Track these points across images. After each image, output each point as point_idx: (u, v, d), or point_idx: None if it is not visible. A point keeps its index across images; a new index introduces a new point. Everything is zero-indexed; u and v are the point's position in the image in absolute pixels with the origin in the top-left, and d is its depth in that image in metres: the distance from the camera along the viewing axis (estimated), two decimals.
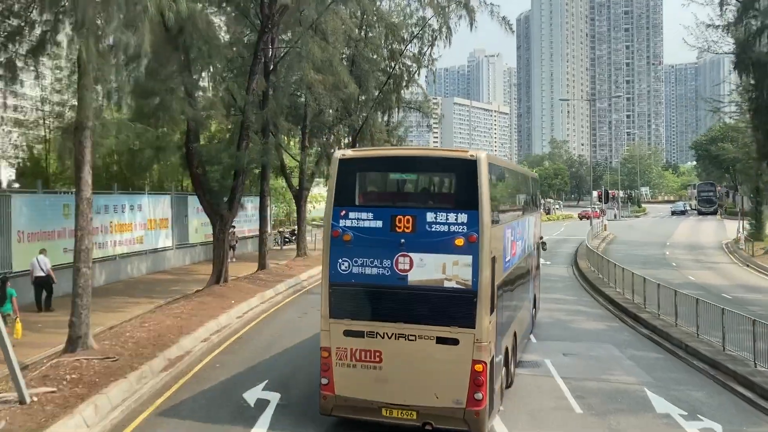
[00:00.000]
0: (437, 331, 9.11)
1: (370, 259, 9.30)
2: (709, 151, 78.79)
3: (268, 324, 18.25)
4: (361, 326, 9.39)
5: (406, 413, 9.22)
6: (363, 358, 9.36)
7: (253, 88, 21.10)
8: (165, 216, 28.48)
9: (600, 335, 17.69)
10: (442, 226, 9.10)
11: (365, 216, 9.39)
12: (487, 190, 9.18)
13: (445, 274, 9.07)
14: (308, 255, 32.43)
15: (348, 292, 9.46)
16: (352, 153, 10.34)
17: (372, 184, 10.53)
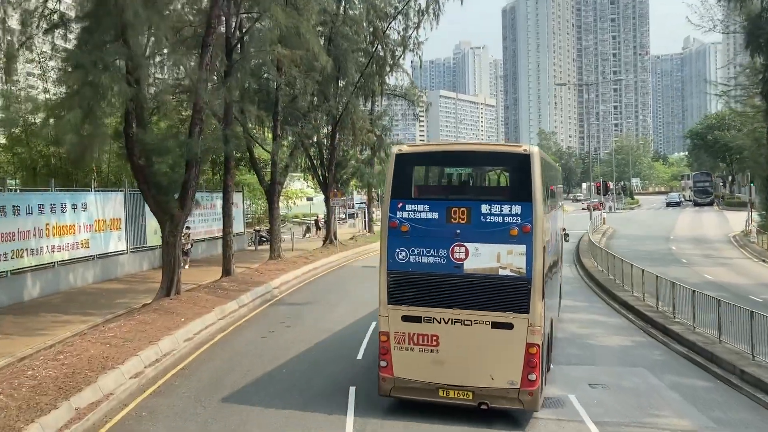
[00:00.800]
0: (492, 316, 9.57)
1: (426, 248, 9.79)
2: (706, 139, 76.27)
3: (222, 348, 14.92)
4: (418, 312, 9.87)
5: (462, 394, 9.72)
6: (420, 342, 9.83)
7: (207, 63, 17.66)
8: (117, 216, 24.99)
9: (627, 355, 14.57)
10: (496, 217, 9.54)
11: (422, 208, 9.85)
12: (540, 182, 9.56)
13: (499, 263, 9.52)
14: (283, 257, 29.09)
15: (405, 279, 9.97)
16: (408, 148, 10.58)
17: (427, 177, 11.06)
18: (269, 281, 22.91)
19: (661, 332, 16.29)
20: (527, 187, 9.56)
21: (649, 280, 19.26)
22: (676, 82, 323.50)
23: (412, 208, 9.89)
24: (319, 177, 36.38)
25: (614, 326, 17.65)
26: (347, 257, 33.09)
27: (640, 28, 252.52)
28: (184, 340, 14.89)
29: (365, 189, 49.45)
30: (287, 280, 24.27)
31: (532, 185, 9.54)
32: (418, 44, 41.14)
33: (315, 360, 13.71)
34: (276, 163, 27.37)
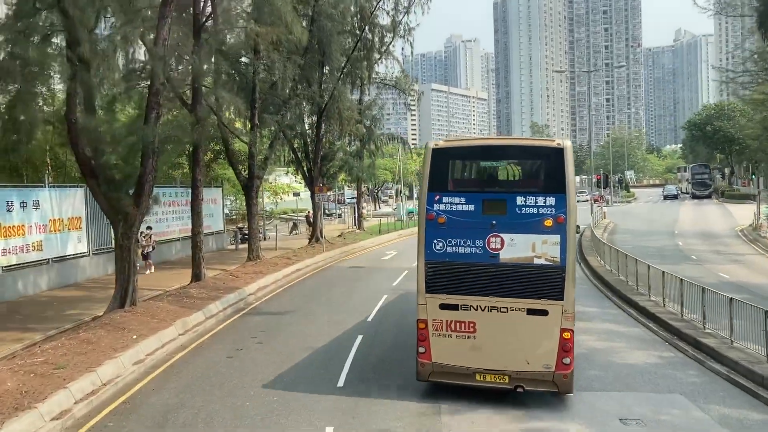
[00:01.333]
0: (528, 303, 9.94)
1: (463, 239, 10.12)
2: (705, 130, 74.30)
3: (178, 373, 12.54)
4: (455, 300, 10.20)
5: (498, 378, 10.09)
6: (458, 329, 10.19)
7: (164, 38, 15.20)
8: (77, 214, 22.49)
9: (658, 376, 12.33)
10: (531, 208, 9.92)
11: (458, 200, 10.18)
12: (572, 175, 9.94)
13: (534, 252, 9.89)
14: (263, 258, 26.67)
15: (443, 269, 10.27)
16: (444, 143, 10.90)
17: (463, 170, 11.41)
18: (244, 287, 20.53)
19: (691, 346, 14.07)
20: (561, 180, 9.92)
21: (671, 283, 17.06)
22: (668, 75, 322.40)
23: (449, 200, 10.24)
24: (304, 171, 33.99)
25: (635, 338, 15.42)
26: (334, 257, 30.76)
27: (632, 20, 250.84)
28: (133, 364, 12.51)
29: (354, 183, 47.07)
30: (265, 284, 21.90)
31: (565, 177, 9.89)
32: (409, 30, 38.81)
33: (287, 387, 11.38)
34: (254, 155, 24.92)
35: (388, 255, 32.09)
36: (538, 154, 10.85)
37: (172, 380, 11.99)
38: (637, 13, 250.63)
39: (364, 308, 18.28)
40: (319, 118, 32.42)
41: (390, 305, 18.86)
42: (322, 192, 31.12)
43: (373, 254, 32.89)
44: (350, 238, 38.02)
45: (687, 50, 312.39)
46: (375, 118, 42.11)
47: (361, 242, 36.48)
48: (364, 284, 22.85)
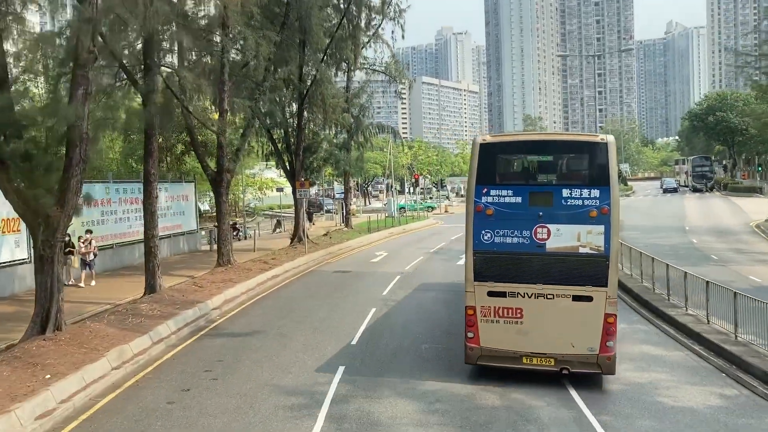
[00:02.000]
0: (573, 290, 10.49)
1: (510, 230, 10.66)
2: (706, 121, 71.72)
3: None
4: (503, 287, 10.73)
5: (544, 360, 10.65)
6: (505, 315, 10.73)
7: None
8: (14, 215, 19.29)
9: (730, 429, 9.37)
10: (576, 200, 10.49)
11: (505, 193, 10.72)
12: (615, 168, 10.63)
13: (579, 242, 10.45)
14: (235, 263, 23.53)
15: (490, 258, 10.75)
16: (491, 138, 11.37)
17: (509, 164, 11.66)
18: (208, 299, 17.42)
19: (760, 381, 11.15)
20: (605, 173, 10.41)
21: (716, 294, 14.15)
22: (659, 67, 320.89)
23: (497, 193, 10.68)
24: (284, 164, 30.86)
25: (681, 367, 12.47)
26: (317, 259, 27.70)
27: (624, 12, 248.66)
28: (35, 418, 9.41)
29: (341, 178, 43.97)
30: (234, 295, 18.79)
31: (609, 171, 10.40)
32: (399, 12, 35.82)
33: None
34: (222, 145, 21.73)
35: (378, 256, 29.08)
36: (582, 149, 11.21)
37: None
38: (629, 4, 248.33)
39: (348, 326, 15.26)
40: (300, 105, 29.30)
41: (379, 322, 15.85)
42: (304, 187, 27.99)
43: (362, 256, 29.87)
44: (337, 237, 34.96)
45: (678, 43, 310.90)
46: (363, 106, 39.00)
47: (349, 242, 33.44)
48: (349, 294, 19.83)
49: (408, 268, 25.12)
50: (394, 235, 39.09)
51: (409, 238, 37.56)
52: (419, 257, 28.34)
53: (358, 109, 39.10)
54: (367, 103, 38.64)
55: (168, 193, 28.89)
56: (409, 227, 43.34)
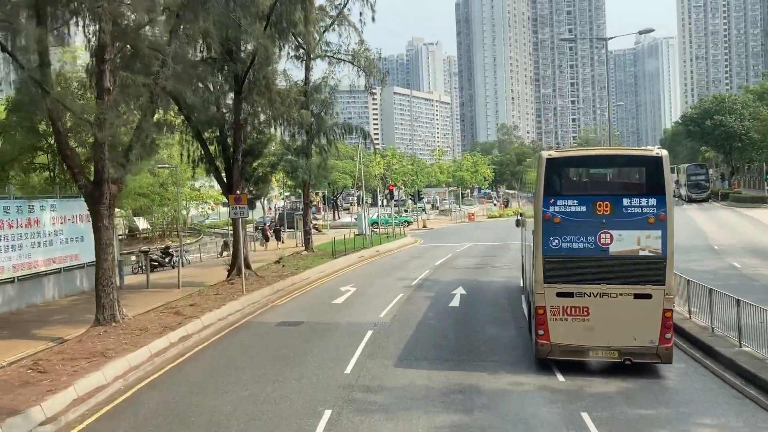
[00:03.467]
0: (634, 289, 11.48)
1: (576, 236, 11.63)
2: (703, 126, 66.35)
3: None
4: (571, 288, 11.73)
5: (609, 353, 11.68)
6: (573, 313, 11.73)
7: None
8: None
9: None
10: (636, 208, 11.45)
11: (571, 203, 11.68)
12: (669, 179, 11.57)
13: (639, 246, 11.40)
14: (123, 319, 15.79)
15: (559, 262, 11.76)
16: (556, 153, 12.54)
17: (573, 176, 12.79)
18: (36, 403, 9.84)
19: None
20: (660, 183, 11.44)
21: None
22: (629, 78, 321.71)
23: (563, 203, 11.71)
24: (218, 172, 23.47)
25: None
26: (259, 302, 20.23)
27: (597, 21, 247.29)
28: None
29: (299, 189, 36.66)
30: (98, 384, 11.19)
31: (664, 181, 11.44)
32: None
33: None
34: (102, 143, 14.22)
35: (343, 294, 21.78)
36: (640, 162, 12.27)
37: None
38: (601, 13, 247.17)
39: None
40: (237, 93, 21.96)
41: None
42: (241, 203, 20.50)
43: (321, 293, 22.55)
44: (291, 265, 27.56)
45: (648, 53, 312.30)
46: (326, 102, 31.84)
47: (306, 272, 26.07)
48: (293, 371, 12.48)
49: (384, 314, 17.88)
50: (365, 260, 31.86)
51: (383, 264, 30.35)
52: (398, 295, 21.14)
53: (320, 106, 31.91)
54: (330, 97, 31.50)
55: (56, 212, 21.19)
56: (384, 248, 36.15)
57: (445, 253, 33.06)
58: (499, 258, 30.72)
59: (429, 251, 35.20)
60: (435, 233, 49.98)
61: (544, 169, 11.69)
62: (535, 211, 12.15)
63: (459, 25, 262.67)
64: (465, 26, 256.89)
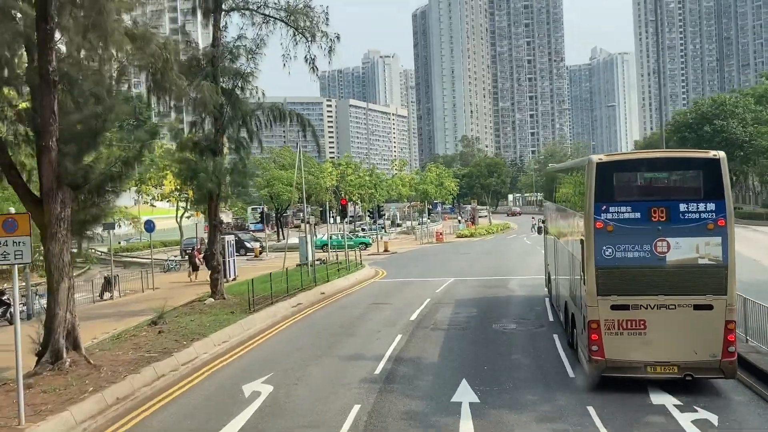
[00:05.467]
0: (694, 299, 10.96)
1: (631, 245, 11.11)
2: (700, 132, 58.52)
3: None
4: (626, 300, 11.17)
5: (668, 368, 11.10)
6: (629, 327, 11.16)
7: None
8: None
9: None
10: (693, 214, 10.96)
11: (624, 209, 11.18)
12: (728, 182, 11.15)
13: (698, 253, 10.92)
14: None
15: (613, 273, 11.23)
16: (606, 157, 11.81)
17: (626, 181, 12.01)
18: None
19: None
20: (719, 187, 10.97)
21: None
22: (585, 93, 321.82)
23: (616, 210, 11.17)
24: (12, 169, 12.55)
25: None
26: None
27: (555, 34, 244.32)
28: None
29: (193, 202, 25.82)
30: None
31: (723, 184, 10.98)
32: None
33: None
34: None
35: (242, 411, 11.13)
36: (697, 165, 11.57)
37: None
38: (559, 26, 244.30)
39: None
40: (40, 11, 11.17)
41: None
42: (13, 231, 9.66)
43: (198, 407, 11.80)
44: (176, 329, 16.65)
45: (603, 69, 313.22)
46: (241, 74, 21.26)
47: (194, 345, 15.17)
48: None
49: None
50: (301, 313, 21.10)
51: (328, 322, 19.61)
52: (350, 409, 10.73)
53: (233, 77, 21.30)
54: (248, 65, 20.96)
55: None
56: (333, 287, 25.55)
57: (421, 297, 22.74)
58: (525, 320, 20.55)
59: (396, 292, 24.73)
60: (400, 259, 39.64)
61: (595, 175, 11.30)
62: (585, 220, 11.55)
63: (416, 36, 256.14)
64: (422, 38, 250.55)
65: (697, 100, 71.62)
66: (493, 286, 25.19)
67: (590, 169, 11.35)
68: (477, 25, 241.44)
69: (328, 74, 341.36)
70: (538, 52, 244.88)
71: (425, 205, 70.43)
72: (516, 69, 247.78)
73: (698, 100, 70.30)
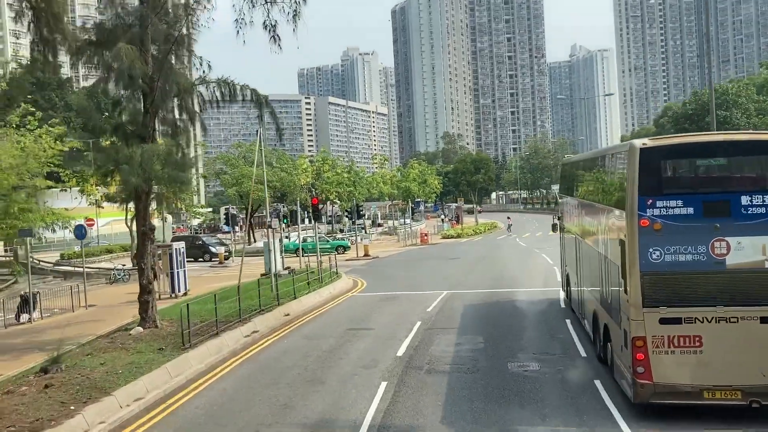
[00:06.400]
0: (761, 311, 9.22)
1: (683, 246, 9.38)
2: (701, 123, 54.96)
3: None
4: (678, 313, 9.42)
5: (729, 394, 9.28)
6: (681, 344, 9.40)
7: None
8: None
9: None
10: (759, 208, 9.23)
11: (674, 204, 9.43)
12: None
13: (765, 256, 9.23)
14: None
15: (661, 280, 9.51)
16: (652, 142, 10.07)
17: (676, 170, 10.33)
18: None
19: None
20: None
21: None
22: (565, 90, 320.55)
23: (664, 204, 9.49)
24: None
25: None
26: None
27: (536, 30, 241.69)
28: None
29: None
30: None
31: None
32: None
33: None
34: None
35: None
36: (762, 149, 9.99)
37: None
38: (540, 22, 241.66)
39: None
40: None
41: None
42: None
43: None
44: (71, 381, 11.90)
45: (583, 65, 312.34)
46: (176, 37, 16.54)
47: (85, 411, 10.42)
48: None
49: None
50: (255, 349, 16.24)
51: (287, 367, 14.67)
52: None
53: (167, 44, 16.56)
54: (184, 24, 16.20)
55: None
56: (301, 307, 20.86)
57: (409, 319, 18.16)
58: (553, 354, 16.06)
59: (378, 312, 20.12)
60: (382, 266, 35.04)
61: (638, 163, 9.49)
62: (627, 217, 9.69)
63: (396, 33, 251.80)
64: (402, 34, 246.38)
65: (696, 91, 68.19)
66: (497, 302, 20.68)
67: (632, 156, 9.63)
68: (457, 20, 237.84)
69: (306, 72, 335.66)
70: (518, 48, 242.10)
71: (408, 203, 65.95)
72: (497, 65, 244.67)
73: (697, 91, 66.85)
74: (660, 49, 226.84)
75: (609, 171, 12.25)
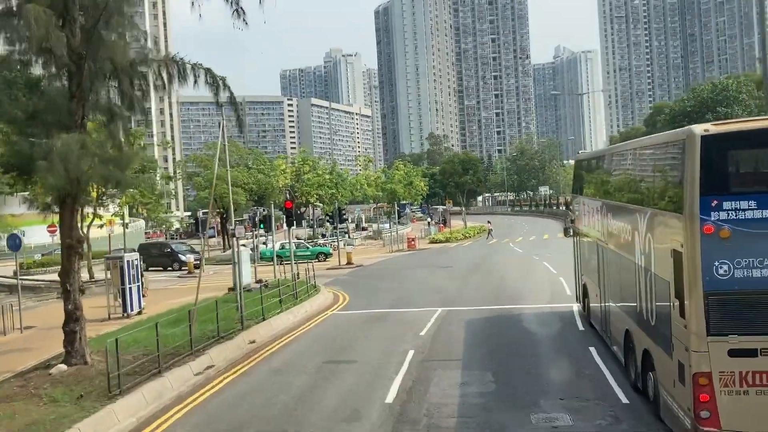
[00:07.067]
0: None
1: (758, 258, 7.63)
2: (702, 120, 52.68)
3: None
4: (753, 342, 7.68)
5: None
6: (758, 382, 7.69)
7: None
8: None
9: None
10: None
11: (746, 205, 7.69)
12: None
13: None
14: None
15: (731, 301, 7.77)
16: (716, 128, 8.01)
17: (748, 164, 8.45)
18: None
19: None
20: None
21: None
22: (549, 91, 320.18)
23: (733, 205, 7.67)
24: None
25: None
26: None
27: (520, 31, 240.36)
28: None
29: None
30: None
31: None
32: None
33: None
34: None
35: None
36: None
37: None
38: (524, 23, 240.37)
39: None
40: None
41: None
42: None
43: None
44: None
45: (567, 67, 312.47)
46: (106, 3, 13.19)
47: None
48: None
49: None
50: (205, 392, 12.92)
51: (243, 421, 11.43)
52: None
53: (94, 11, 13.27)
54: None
55: None
56: (270, 332, 17.62)
57: (400, 348, 15.04)
58: None
59: (363, 337, 16.95)
60: (367, 275, 31.88)
61: (699, 155, 7.58)
62: (686, 222, 7.75)
63: (379, 33, 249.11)
64: (385, 35, 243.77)
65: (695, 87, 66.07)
66: (502, 323, 17.62)
67: (692, 145, 7.79)
68: (441, 21, 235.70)
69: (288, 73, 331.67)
70: (503, 49, 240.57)
71: (393, 206, 62.88)
72: (481, 66, 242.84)
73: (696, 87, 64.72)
74: (645, 49, 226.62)
75: (652, 166, 10.14)
